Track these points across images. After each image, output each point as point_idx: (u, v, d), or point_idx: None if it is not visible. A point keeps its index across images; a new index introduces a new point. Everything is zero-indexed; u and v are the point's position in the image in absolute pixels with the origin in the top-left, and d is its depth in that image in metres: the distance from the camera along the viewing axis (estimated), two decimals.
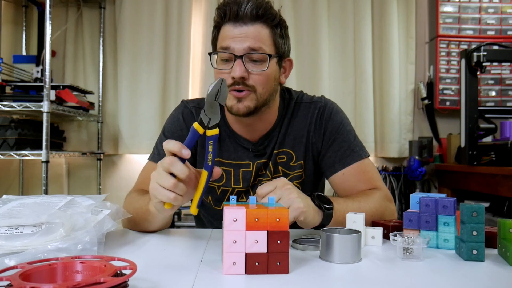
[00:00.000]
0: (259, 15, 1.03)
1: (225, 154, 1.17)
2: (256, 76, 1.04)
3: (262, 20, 1.04)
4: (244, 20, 1.03)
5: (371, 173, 1.14)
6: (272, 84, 1.08)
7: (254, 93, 1.05)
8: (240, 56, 1.02)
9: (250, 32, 1.03)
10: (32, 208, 0.81)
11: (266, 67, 1.04)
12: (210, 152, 0.77)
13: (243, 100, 1.04)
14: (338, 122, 1.16)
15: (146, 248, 0.87)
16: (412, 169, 2.79)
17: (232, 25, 1.04)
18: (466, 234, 0.77)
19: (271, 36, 1.06)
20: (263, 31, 1.04)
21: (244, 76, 1.02)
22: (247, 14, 1.02)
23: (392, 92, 2.91)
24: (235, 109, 1.05)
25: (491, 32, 2.91)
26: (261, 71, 1.04)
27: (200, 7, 2.90)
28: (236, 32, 1.03)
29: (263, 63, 1.04)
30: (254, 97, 1.05)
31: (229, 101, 1.05)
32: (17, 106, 2.08)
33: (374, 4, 2.93)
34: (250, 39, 1.02)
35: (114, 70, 2.86)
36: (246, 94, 1.04)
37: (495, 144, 2.27)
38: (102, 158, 2.83)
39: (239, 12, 1.02)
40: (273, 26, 1.06)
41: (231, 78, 1.02)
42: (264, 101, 1.07)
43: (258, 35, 1.03)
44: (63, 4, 2.82)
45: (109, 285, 0.50)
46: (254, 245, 0.67)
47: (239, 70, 1.01)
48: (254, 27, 1.03)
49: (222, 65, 1.06)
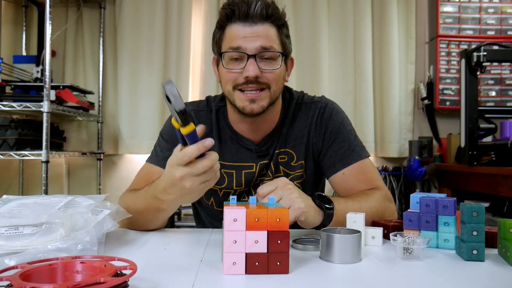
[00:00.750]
0: (269, 15, 1.03)
1: (227, 157, 1.16)
2: (269, 75, 1.04)
3: (271, 20, 1.04)
4: (254, 20, 1.03)
5: (371, 173, 1.14)
6: (282, 82, 1.10)
7: (268, 90, 1.05)
8: (253, 56, 1.02)
9: (260, 31, 1.03)
10: (32, 208, 0.81)
11: (278, 65, 1.05)
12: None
13: (258, 100, 1.04)
14: (338, 122, 1.16)
15: (146, 248, 0.87)
16: (412, 169, 2.79)
17: (241, 24, 1.03)
18: (466, 234, 0.77)
19: (279, 35, 1.07)
20: (271, 31, 1.05)
21: (258, 75, 1.02)
22: (257, 14, 1.02)
23: (392, 92, 2.92)
24: (249, 109, 1.05)
25: (491, 32, 2.91)
26: (274, 69, 1.04)
27: (200, 7, 2.90)
28: (247, 31, 1.03)
29: (274, 61, 1.05)
30: (268, 95, 1.05)
31: (241, 102, 1.05)
32: (17, 106, 2.08)
33: (374, 4, 2.93)
34: (262, 38, 1.02)
35: (114, 70, 2.86)
36: (260, 94, 1.04)
37: (495, 144, 2.27)
38: (102, 158, 2.83)
39: (249, 12, 1.02)
40: (279, 25, 1.07)
41: (243, 78, 1.02)
42: (276, 99, 1.08)
43: (268, 34, 1.04)
44: (63, 4, 2.82)
45: (109, 285, 0.50)
46: (254, 245, 0.67)
47: (253, 69, 1.01)
48: (263, 26, 1.03)
49: (232, 65, 1.05)
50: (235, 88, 1.05)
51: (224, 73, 1.07)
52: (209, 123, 1.16)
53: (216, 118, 1.17)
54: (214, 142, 1.15)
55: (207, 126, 1.16)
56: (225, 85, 1.08)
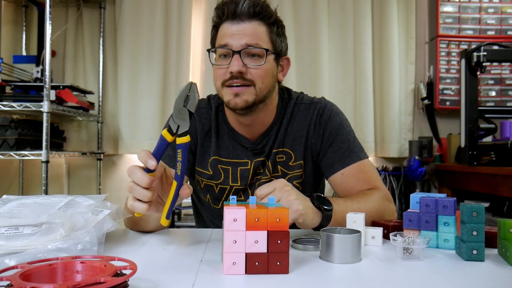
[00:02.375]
0: (256, 12, 1.05)
1: (223, 153, 1.17)
2: (254, 71, 1.05)
3: (259, 18, 1.06)
4: (242, 18, 1.05)
5: (370, 173, 1.15)
6: (271, 80, 1.10)
7: (254, 87, 1.06)
8: (238, 52, 1.04)
9: (247, 28, 1.05)
10: (32, 208, 0.81)
11: (263, 61, 1.06)
12: (179, 161, 0.73)
13: (241, 94, 1.05)
14: (337, 123, 1.17)
15: (146, 248, 0.87)
16: (412, 169, 2.79)
17: (230, 23, 1.06)
18: (466, 234, 0.77)
19: (268, 33, 1.08)
20: (260, 28, 1.07)
21: (242, 70, 1.04)
22: (244, 12, 1.05)
23: (392, 92, 2.92)
24: (233, 103, 1.06)
25: (491, 32, 2.91)
26: (259, 66, 1.05)
27: (200, 7, 2.90)
28: (234, 29, 1.05)
29: (260, 58, 1.06)
30: (253, 92, 1.06)
31: (226, 96, 1.07)
32: (17, 106, 2.08)
33: (374, 4, 2.93)
34: (248, 35, 1.05)
35: (114, 70, 2.86)
36: (244, 89, 1.05)
37: (495, 144, 2.27)
38: (102, 158, 2.83)
39: (236, 10, 1.05)
40: (269, 24, 1.08)
41: (229, 73, 1.04)
42: (263, 97, 1.09)
43: (255, 32, 1.06)
44: (63, 4, 2.82)
45: (109, 285, 0.50)
46: (254, 245, 0.67)
47: (237, 65, 1.03)
48: (251, 24, 1.06)
49: (220, 61, 1.08)
50: (223, 84, 1.07)
51: (214, 70, 1.10)
52: (209, 120, 1.19)
53: (216, 115, 1.20)
54: (213, 138, 1.16)
55: (207, 123, 1.18)
56: (215, 82, 1.11)
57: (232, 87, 1.06)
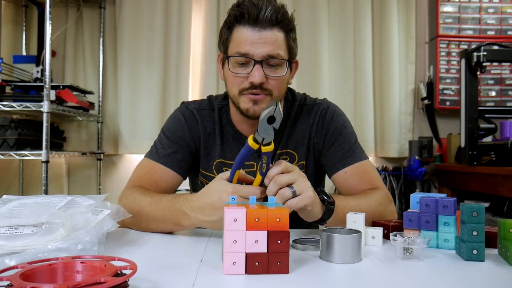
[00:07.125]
0: (278, 20, 1.02)
1: (228, 155, 1.17)
2: (273, 81, 1.04)
3: (280, 25, 1.04)
4: (263, 25, 1.02)
5: (371, 173, 1.15)
6: (285, 87, 1.10)
7: (270, 96, 1.06)
8: (259, 62, 1.02)
9: (268, 37, 1.02)
10: (32, 208, 0.81)
11: (283, 72, 1.05)
12: (265, 163, 0.84)
13: (259, 102, 1.05)
14: (340, 124, 1.17)
15: (146, 248, 0.87)
16: (412, 169, 2.79)
17: (250, 28, 1.02)
18: (466, 234, 0.77)
19: (286, 40, 1.06)
20: (279, 36, 1.04)
21: (263, 81, 1.03)
22: (266, 19, 1.01)
23: (392, 92, 2.92)
24: (252, 111, 1.06)
25: (491, 32, 2.91)
26: (279, 76, 1.05)
27: (200, 7, 2.90)
28: (255, 37, 1.02)
29: (280, 68, 1.05)
30: (270, 100, 1.05)
31: (245, 103, 1.06)
32: (17, 106, 2.08)
33: (374, 4, 2.94)
34: (269, 45, 1.02)
35: (114, 70, 2.86)
36: (263, 98, 1.05)
37: (495, 144, 2.27)
38: (102, 158, 2.83)
39: (258, 16, 1.01)
40: (288, 30, 1.06)
41: (249, 83, 1.03)
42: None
43: (276, 41, 1.03)
44: (63, 4, 2.82)
45: (110, 285, 0.50)
46: (254, 245, 0.67)
47: (259, 76, 1.01)
48: (272, 32, 1.03)
49: (238, 69, 1.05)
50: (241, 93, 1.06)
51: (230, 76, 1.07)
52: (211, 122, 1.18)
53: (219, 116, 1.19)
54: (217, 140, 1.15)
55: (209, 124, 1.17)
56: (230, 88, 1.09)
57: (251, 95, 1.05)
